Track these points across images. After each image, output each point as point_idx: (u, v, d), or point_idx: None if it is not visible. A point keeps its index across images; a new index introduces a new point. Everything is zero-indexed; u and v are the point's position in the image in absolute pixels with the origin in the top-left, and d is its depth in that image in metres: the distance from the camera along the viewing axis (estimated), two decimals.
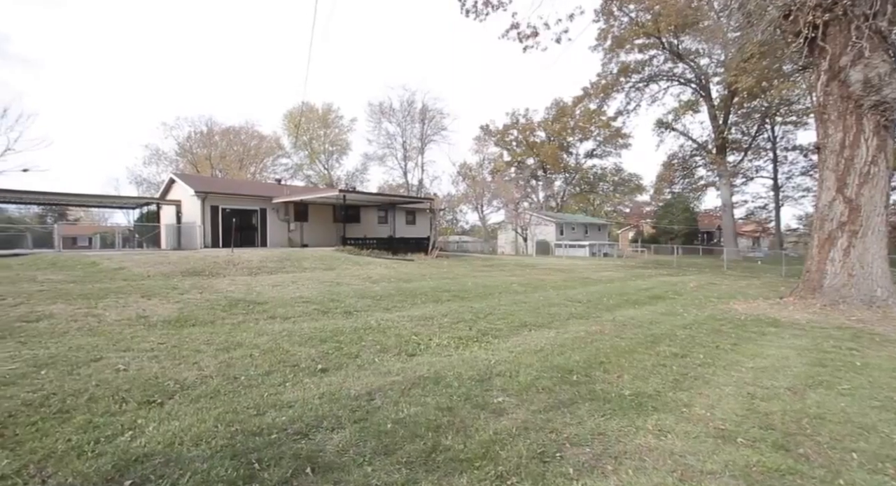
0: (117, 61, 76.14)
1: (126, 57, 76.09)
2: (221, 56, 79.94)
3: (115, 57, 76.01)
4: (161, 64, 76.91)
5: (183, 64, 78.24)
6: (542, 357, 4.90)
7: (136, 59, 75.69)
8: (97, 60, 75.15)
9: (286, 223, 21.64)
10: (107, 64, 76.08)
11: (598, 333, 6.41)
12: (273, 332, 5.53)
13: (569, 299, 10.02)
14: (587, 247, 40.57)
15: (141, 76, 76.09)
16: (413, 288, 10.30)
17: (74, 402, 2.96)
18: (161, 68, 77.23)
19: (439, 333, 6.04)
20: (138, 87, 77.01)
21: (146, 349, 4.32)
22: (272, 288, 8.93)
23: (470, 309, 8.05)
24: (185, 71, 78.34)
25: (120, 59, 75.41)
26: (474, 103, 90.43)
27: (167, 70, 77.14)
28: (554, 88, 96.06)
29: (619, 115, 35.31)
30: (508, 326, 6.75)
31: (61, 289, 7.45)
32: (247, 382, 3.61)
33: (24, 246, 22.29)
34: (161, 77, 76.92)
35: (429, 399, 3.42)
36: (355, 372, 4.10)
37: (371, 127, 56.12)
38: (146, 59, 75.98)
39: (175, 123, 55.96)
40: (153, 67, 76.67)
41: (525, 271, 16.90)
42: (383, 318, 6.92)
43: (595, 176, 67.36)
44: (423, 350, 5.15)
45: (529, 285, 12.53)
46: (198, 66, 78.69)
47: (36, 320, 5.24)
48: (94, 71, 74.80)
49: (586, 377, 4.19)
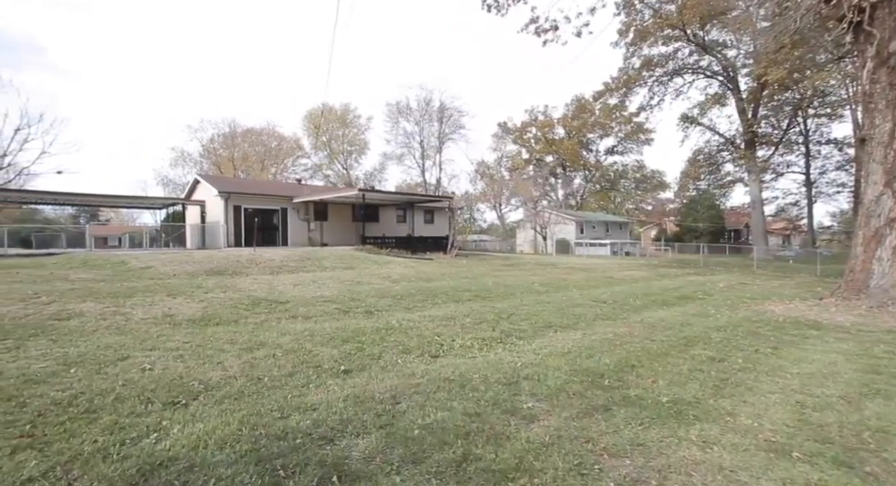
0: (143, 66, 78.64)
1: (151, 62, 78.52)
2: (243, 59, 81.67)
3: (141, 62, 78.52)
4: (185, 68, 79.08)
5: (206, 67, 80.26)
6: (570, 360, 4.71)
7: (161, 64, 78.02)
8: (124, 66, 77.77)
9: (306, 223, 21.88)
10: (133, 69, 78.66)
11: (627, 335, 6.17)
12: (295, 331, 5.51)
13: (593, 299, 9.75)
14: (608, 246, 39.79)
15: (166, 80, 78.41)
16: (433, 288, 10.20)
17: (101, 402, 2.95)
18: (186, 72, 79.40)
19: (462, 334, 5.91)
20: (164, 91, 79.40)
21: (171, 348, 4.33)
22: (294, 287, 8.97)
23: (492, 309, 7.90)
24: (209, 74, 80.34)
25: (146, 64, 77.86)
26: (493, 101, 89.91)
27: (191, 74, 79.26)
28: (574, 84, 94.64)
29: (642, 110, 34.42)
30: (532, 327, 6.57)
31: (91, 288, 7.64)
32: (270, 383, 3.56)
33: (59, 246, 23.21)
34: (186, 81, 79.09)
35: (455, 404, 3.30)
36: (379, 374, 4.01)
37: (389, 127, 56.39)
38: (171, 64, 78.23)
39: (199, 126, 57.50)
40: (178, 71, 78.88)
41: (546, 271, 16.61)
42: (405, 318, 6.83)
43: (616, 173, 66.05)
44: (447, 352, 5.03)
45: (551, 284, 12.27)
46: (221, 68, 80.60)
47: (67, 318, 5.35)
48: (122, 76, 77.44)
49: (619, 382, 3.99)
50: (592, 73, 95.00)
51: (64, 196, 18.67)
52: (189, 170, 45.88)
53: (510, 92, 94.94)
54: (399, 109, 54.33)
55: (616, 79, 32.67)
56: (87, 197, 19.39)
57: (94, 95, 76.35)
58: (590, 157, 65.79)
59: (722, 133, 32.54)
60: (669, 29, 28.23)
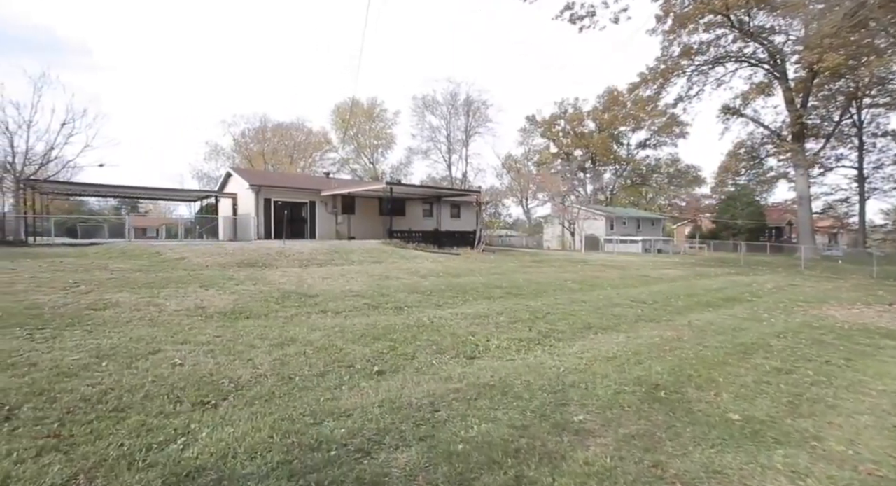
0: (181, 63, 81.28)
1: (189, 59, 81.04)
2: (274, 53, 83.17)
3: (179, 59, 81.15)
4: (220, 64, 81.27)
5: (240, 63, 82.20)
6: (618, 367, 4.34)
7: (197, 61, 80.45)
8: (163, 64, 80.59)
9: (334, 216, 21.99)
10: (171, 66, 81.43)
11: (675, 339, 5.72)
12: (325, 327, 5.35)
13: (632, 298, 9.24)
14: (640, 243, 38.45)
15: (202, 77, 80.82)
16: (463, 283, 9.93)
17: (130, 399, 2.83)
18: (220, 68, 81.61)
19: (497, 333, 5.61)
20: (200, 87, 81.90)
21: (202, 342, 4.23)
22: (322, 281, 8.88)
23: (526, 307, 7.56)
24: (242, 69, 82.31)
25: (183, 61, 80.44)
26: (521, 95, 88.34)
27: (226, 70, 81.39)
28: (606, 76, 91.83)
29: (679, 101, 32.76)
30: (571, 327, 6.20)
31: (128, 277, 7.76)
32: (302, 383, 3.38)
33: (102, 236, 24.25)
34: (220, 77, 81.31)
35: (499, 414, 3.02)
36: (413, 376, 3.77)
37: (415, 121, 56.16)
38: (207, 61, 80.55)
39: (232, 121, 58.98)
40: (213, 68, 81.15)
41: (577, 268, 16.05)
42: (435, 315, 6.59)
43: (648, 167, 63.79)
44: (483, 353, 4.76)
45: (585, 282, 11.79)
46: (253, 64, 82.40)
47: (103, 308, 5.37)
48: (160, 74, 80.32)
49: (677, 394, 3.61)
50: (625, 66, 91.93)
51: (106, 188, 19.39)
52: (222, 164, 47.16)
53: (540, 85, 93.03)
54: (425, 103, 54.09)
55: (652, 69, 31.17)
56: (128, 189, 20.08)
57: (133, 92, 79.62)
58: (621, 150, 63.80)
59: (767, 125, 30.64)
60: (711, 14, 26.65)
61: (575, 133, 61.76)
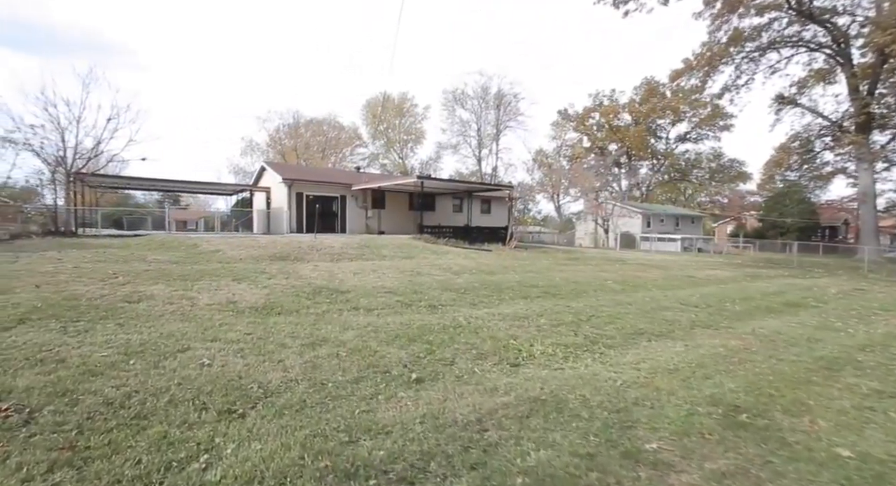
0: (220, 60, 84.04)
1: (226, 56, 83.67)
2: (307, 48, 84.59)
3: (218, 56, 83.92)
4: (256, 60, 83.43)
5: (275, 58, 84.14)
6: (684, 382, 3.84)
7: (235, 58, 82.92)
8: (202, 61, 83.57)
9: (364, 210, 21.97)
10: (210, 63, 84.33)
11: (741, 350, 5.12)
12: (358, 326, 5.09)
13: (681, 301, 8.56)
14: (679, 241, 36.68)
15: (240, 73, 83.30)
16: (497, 281, 9.51)
17: (154, 404, 2.62)
18: (256, 65, 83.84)
19: (540, 337, 5.19)
20: (238, 83, 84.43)
21: (232, 340, 4.03)
22: (354, 276, 8.68)
23: (567, 309, 7.07)
24: (277, 65, 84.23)
25: (222, 58, 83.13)
26: (554, 88, 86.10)
27: (262, 66, 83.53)
28: (643, 68, 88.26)
29: (726, 91, 30.73)
30: (620, 332, 5.69)
31: (164, 269, 7.80)
32: (335, 391, 3.09)
33: (145, 228, 25.29)
34: (256, 73, 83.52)
35: (558, 437, 2.62)
36: (454, 385, 3.42)
37: (445, 115, 55.65)
38: (244, 57, 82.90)
39: (267, 116, 60.48)
40: (250, 64, 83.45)
41: (615, 267, 15.27)
42: (472, 315, 6.22)
43: (688, 162, 60.91)
44: (527, 359, 4.35)
45: (626, 282, 11.11)
46: (287, 59, 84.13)
47: (137, 300, 5.31)
48: (200, 70, 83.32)
49: (763, 419, 3.09)
50: (663, 57, 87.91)
51: (148, 181, 20.10)
52: (257, 158, 48.39)
53: (574, 77, 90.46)
54: (455, 97, 53.50)
55: (698, 56, 29.41)
56: (167, 182, 20.75)
57: (173, 89, 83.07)
58: (658, 144, 61.21)
59: (826, 115, 28.25)
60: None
61: (610, 127, 59.67)
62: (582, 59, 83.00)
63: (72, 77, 25.31)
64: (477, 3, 78.97)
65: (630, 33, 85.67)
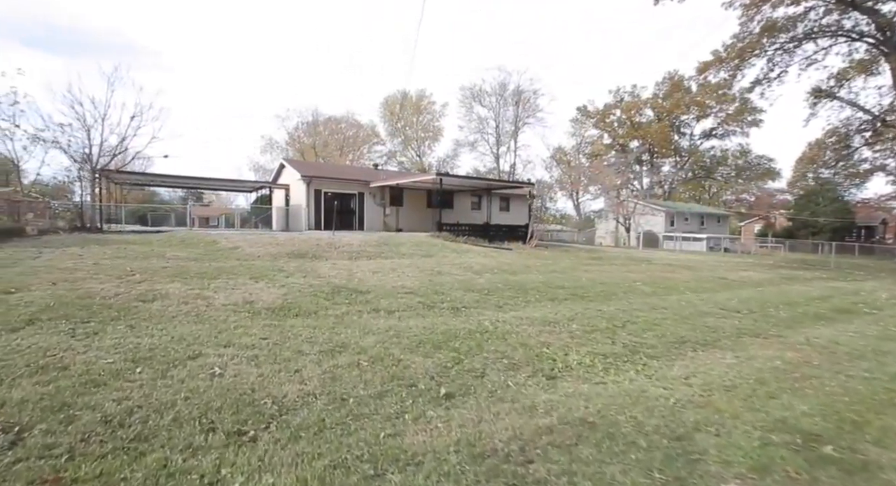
0: (240, 59, 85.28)
1: (247, 55, 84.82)
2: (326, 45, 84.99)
3: (239, 56, 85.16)
4: (276, 58, 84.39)
5: (294, 56, 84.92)
6: (747, 402, 3.39)
7: (254, 57, 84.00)
8: (223, 60, 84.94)
9: (382, 207, 21.76)
10: (231, 62, 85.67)
11: (801, 363, 4.61)
12: (379, 330, 4.77)
13: (719, 306, 8.00)
14: (704, 241, 35.47)
15: (259, 71, 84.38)
16: (521, 282, 9.10)
17: (156, 423, 2.33)
18: (276, 62, 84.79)
19: (574, 345, 4.78)
20: (257, 81, 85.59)
21: (247, 345, 3.76)
22: (373, 275, 8.40)
23: (599, 313, 6.63)
24: (296, 63, 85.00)
25: (242, 57, 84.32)
26: (575, 83, 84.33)
27: (281, 64, 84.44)
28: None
29: (757, 84, 29.39)
30: (661, 341, 5.23)
31: (182, 266, 7.65)
32: (356, 408, 2.76)
33: (169, 224, 25.65)
34: (276, 71, 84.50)
35: (616, 473, 2.23)
36: (488, 402, 3.06)
37: (463, 112, 55.05)
38: (263, 56, 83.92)
39: (286, 115, 61.10)
40: (269, 62, 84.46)
41: (641, 267, 14.65)
42: (498, 318, 5.85)
43: (713, 159, 58.97)
44: (564, 371, 3.96)
45: (656, 284, 10.55)
46: (306, 57, 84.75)
47: (152, 299, 5.12)
48: (220, 69, 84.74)
49: (853, 452, 2.64)
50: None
51: (170, 178, 20.33)
52: (276, 156, 48.85)
53: (595, 72, 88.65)
54: (473, 94, 52.89)
55: (728, 47, 28.16)
56: (189, 179, 20.94)
57: (195, 88, 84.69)
58: (682, 141, 59.45)
59: (867, 109, 26.68)
60: None
61: (631, 123, 58.26)
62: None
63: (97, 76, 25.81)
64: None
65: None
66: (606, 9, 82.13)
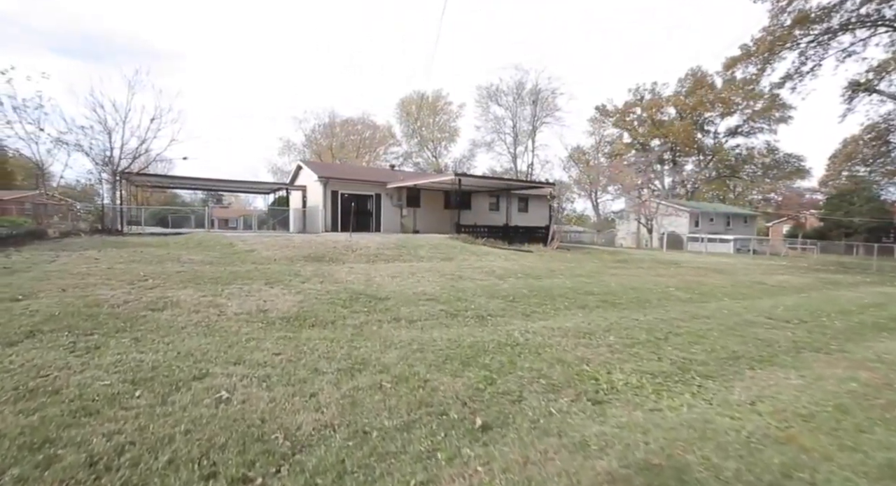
0: (259, 61, 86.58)
1: (265, 56, 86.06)
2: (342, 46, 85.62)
3: (257, 57, 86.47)
4: (293, 59, 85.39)
5: (311, 57, 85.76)
6: (833, 437, 2.89)
7: (273, 58, 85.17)
8: (243, 62, 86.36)
9: (399, 209, 21.48)
10: (250, 64, 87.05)
11: (881, 386, 4.04)
12: (401, 343, 4.39)
13: (765, 314, 7.38)
14: (731, 242, 34.17)
15: (278, 72, 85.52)
16: (547, 287, 8.62)
17: (148, 466, 1.99)
18: (293, 63, 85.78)
19: (616, 361, 4.31)
20: (275, 83, 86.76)
21: (258, 363, 3.42)
22: (392, 280, 8.05)
23: (636, 323, 6.12)
24: (314, 64, 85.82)
25: (261, 59, 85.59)
26: (594, 81, 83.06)
27: (298, 65, 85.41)
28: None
29: (788, 79, 28.13)
30: (711, 356, 4.71)
31: (197, 271, 7.44)
32: (381, 444, 2.37)
33: (189, 226, 25.90)
34: (293, 73, 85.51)
35: None
36: (532, 437, 2.64)
37: (479, 112, 54.52)
38: (281, 57, 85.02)
39: (303, 117, 61.60)
40: (287, 63, 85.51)
41: (670, 270, 13.97)
42: (527, 329, 5.40)
43: (738, 158, 57.07)
44: (610, 393, 3.50)
45: (690, 289, 9.92)
46: (323, 58, 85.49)
47: (162, 308, 4.85)
48: (240, 71, 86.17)
49: None
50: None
51: (189, 180, 20.45)
52: (293, 158, 49.21)
53: (614, 70, 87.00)
54: (490, 94, 52.31)
55: (757, 41, 27.01)
56: (207, 181, 21.04)
57: (215, 91, 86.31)
58: (705, 139, 57.71)
59: None
60: None
61: (653, 121, 56.85)
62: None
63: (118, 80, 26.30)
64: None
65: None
66: (628, 7, 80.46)
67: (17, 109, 14.62)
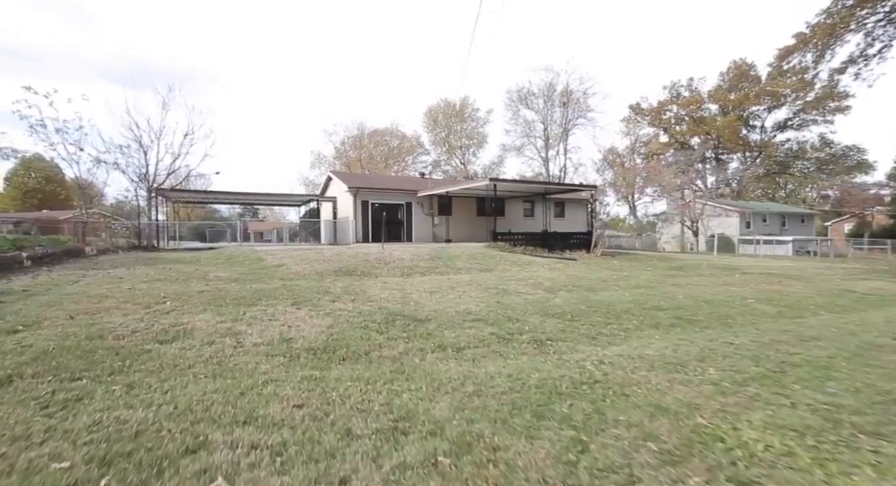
0: (291, 75, 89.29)
1: (297, 71, 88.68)
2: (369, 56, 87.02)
3: (289, 72, 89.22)
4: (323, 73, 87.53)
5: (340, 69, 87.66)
6: None
7: (304, 72, 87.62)
8: (275, 77, 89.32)
9: (430, 217, 20.78)
10: (282, 79, 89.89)
11: None
12: (451, 383, 3.50)
13: (891, 334, 6.00)
14: (790, 244, 31.41)
15: (309, 87, 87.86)
16: (605, 301, 7.53)
17: None
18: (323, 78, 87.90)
19: (736, 410, 3.24)
20: (307, 97, 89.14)
21: (274, 422, 2.62)
22: (430, 296, 7.21)
23: (731, 348, 4.98)
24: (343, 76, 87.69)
25: (293, 73, 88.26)
26: (628, 79, 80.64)
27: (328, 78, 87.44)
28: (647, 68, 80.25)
29: (850, 63, 25.68)
30: (861, 399, 3.55)
31: (221, 290, 6.87)
32: None
33: (225, 240, 26.23)
34: (324, 87, 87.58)
35: None
36: None
37: (509, 116, 53.60)
38: (312, 71, 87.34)
39: (333, 129, 62.64)
40: (318, 77, 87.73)
41: (735, 278, 12.45)
42: (600, 358, 4.40)
43: (788, 153, 53.27)
44: (752, 466, 2.47)
45: (774, 301, 8.53)
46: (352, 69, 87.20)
47: (172, 339, 4.19)
48: (273, 87, 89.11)
49: None
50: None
51: (222, 195, 20.59)
52: (324, 171, 49.84)
53: (647, 67, 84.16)
54: (520, 97, 51.33)
55: (814, 27, 24.83)
56: (239, 195, 21.16)
57: (249, 107, 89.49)
58: (751, 134, 54.33)
59: None
60: None
61: (692, 118, 54.08)
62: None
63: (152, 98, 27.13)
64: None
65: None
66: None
67: (59, 131, 15.01)
